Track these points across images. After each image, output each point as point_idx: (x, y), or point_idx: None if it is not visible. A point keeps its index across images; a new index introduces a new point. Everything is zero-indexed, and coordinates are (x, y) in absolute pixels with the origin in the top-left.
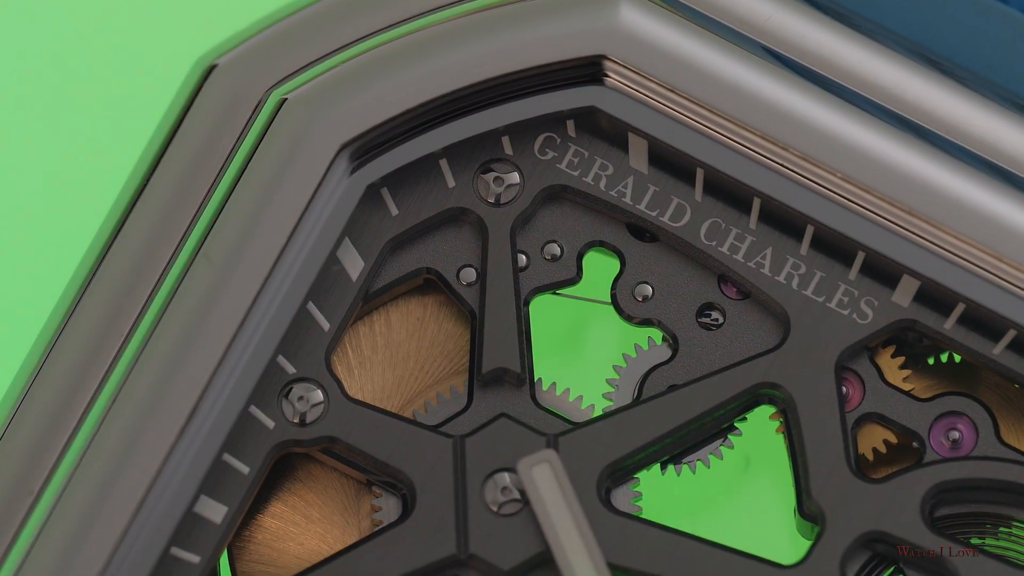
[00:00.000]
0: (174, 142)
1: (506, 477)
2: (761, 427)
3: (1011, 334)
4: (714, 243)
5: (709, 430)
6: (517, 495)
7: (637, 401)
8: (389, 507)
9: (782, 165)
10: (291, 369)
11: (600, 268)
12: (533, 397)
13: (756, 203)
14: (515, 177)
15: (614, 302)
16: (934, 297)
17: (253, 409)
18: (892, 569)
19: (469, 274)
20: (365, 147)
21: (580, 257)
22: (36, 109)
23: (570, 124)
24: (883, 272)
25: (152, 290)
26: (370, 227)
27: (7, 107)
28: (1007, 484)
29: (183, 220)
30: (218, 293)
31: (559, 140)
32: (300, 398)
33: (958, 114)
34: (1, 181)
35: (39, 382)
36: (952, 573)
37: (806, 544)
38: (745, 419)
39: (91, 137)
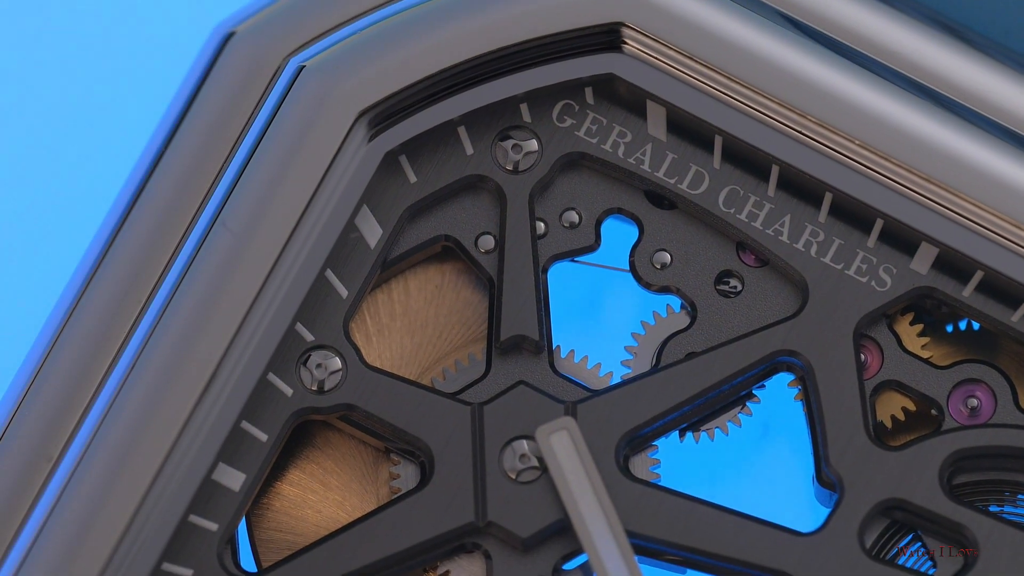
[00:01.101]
0: (192, 110)
1: (524, 445)
2: (779, 394)
3: None
4: (732, 210)
5: (727, 397)
6: (535, 463)
7: (655, 369)
8: (407, 474)
9: (800, 132)
10: (309, 336)
11: (618, 235)
12: (551, 364)
13: (774, 170)
14: (533, 144)
15: (632, 269)
16: (953, 264)
17: (271, 377)
18: (910, 536)
19: (487, 241)
20: (383, 114)
21: (598, 224)
22: (55, 78)
23: (588, 91)
24: (902, 239)
25: (170, 258)
26: (388, 194)
27: (22, 78)
28: None
29: (201, 188)
30: (236, 261)
31: (577, 107)
32: (318, 365)
33: (975, 80)
34: (18, 147)
35: (57, 350)
36: (971, 540)
37: (824, 512)
38: (763, 386)
39: (109, 106)
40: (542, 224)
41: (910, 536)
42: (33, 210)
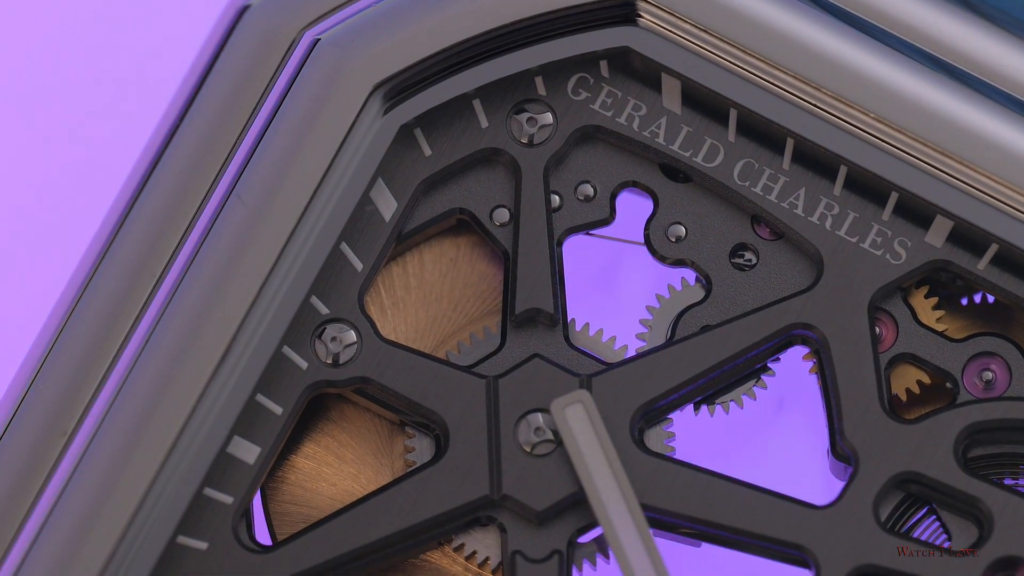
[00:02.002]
0: (207, 83)
1: (539, 418)
2: (794, 368)
3: None
4: (747, 183)
5: (742, 371)
6: (550, 436)
7: (670, 342)
8: (422, 448)
9: (815, 105)
10: (324, 309)
11: (633, 208)
12: (566, 338)
13: (789, 143)
14: (548, 117)
15: (647, 242)
16: (967, 237)
17: (286, 350)
18: (925, 509)
19: (502, 214)
20: (398, 87)
21: (613, 197)
22: (71, 52)
23: (603, 64)
24: (916, 212)
25: (185, 232)
26: (403, 168)
27: (32, 49)
28: None
29: (216, 161)
30: (251, 234)
31: (592, 80)
32: (333, 339)
33: (990, 53)
34: (35, 119)
35: (71, 326)
36: (986, 513)
37: (839, 485)
38: (778, 359)
39: (123, 78)
40: (557, 197)
41: (925, 509)
42: (48, 185)
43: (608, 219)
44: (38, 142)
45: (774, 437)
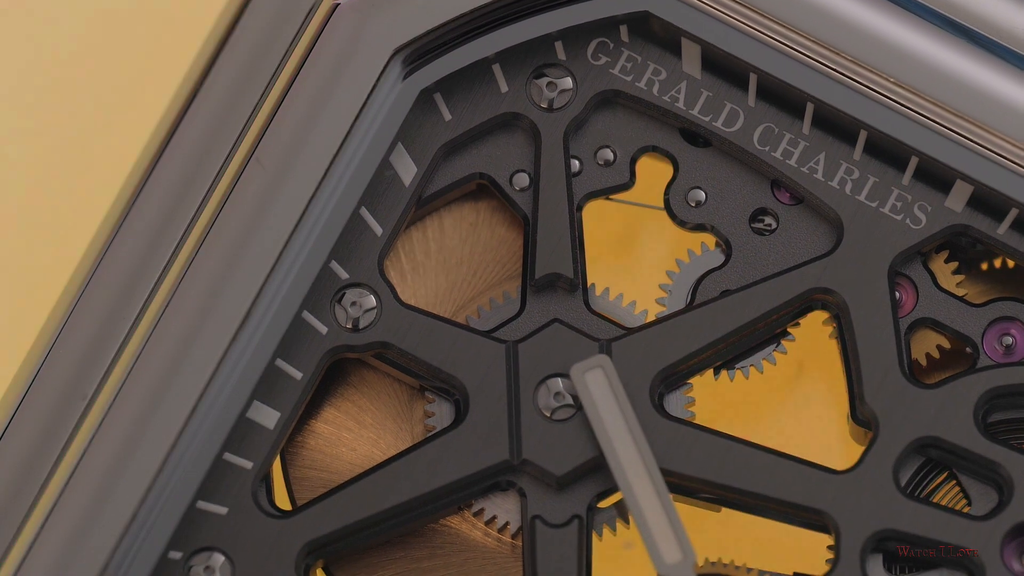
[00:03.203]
0: (226, 48)
1: (559, 383)
2: (814, 332)
3: None
4: (767, 148)
5: (762, 335)
6: (570, 401)
7: (690, 306)
8: (442, 413)
9: (835, 70)
10: (344, 274)
11: (653, 173)
12: (586, 302)
13: (809, 108)
14: (568, 82)
15: (667, 207)
16: (987, 202)
17: (306, 315)
18: (945, 475)
19: (522, 179)
20: (418, 52)
21: (633, 162)
22: (87, 19)
23: (623, 29)
24: (936, 177)
25: (205, 195)
26: (423, 132)
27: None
28: None
29: (236, 125)
30: (270, 198)
31: (612, 45)
32: (353, 303)
33: (1009, 17)
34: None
35: (90, 290)
36: (1006, 478)
37: (859, 450)
38: (798, 324)
39: (143, 44)
40: (577, 162)
41: (945, 474)
42: (66, 150)
43: (628, 184)
44: (49, 108)
45: (794, 402)
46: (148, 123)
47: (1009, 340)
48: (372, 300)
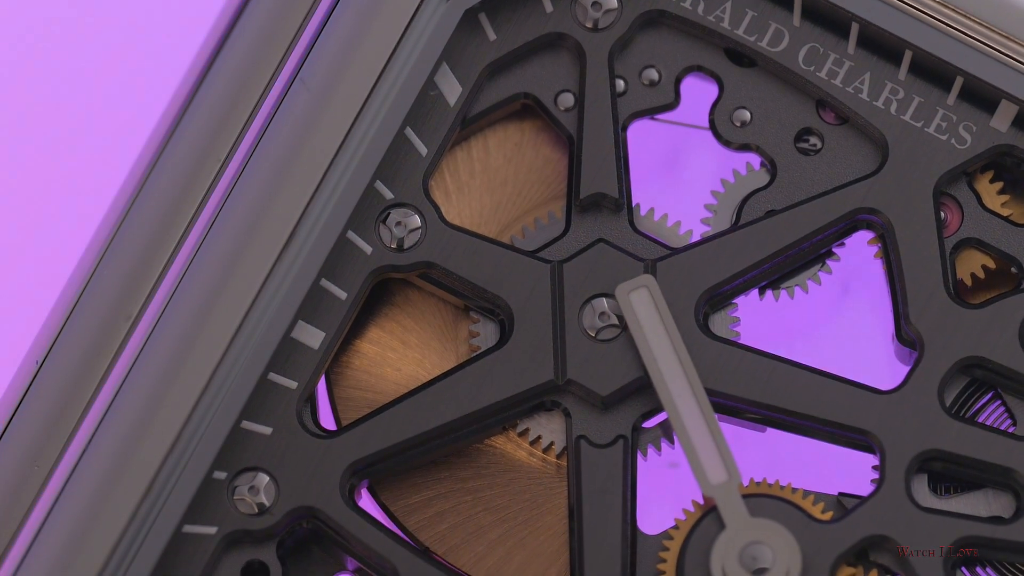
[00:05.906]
0: None
1: (604, 303)
2: (859, 252)
3: None
4: (812, 68)
5: (807, 255)
6: (615, 320)
7: (735, 226)
8: (487, 332)
9: None
10: (389, 194)
11: (698, 93)
12: (631, 222)
13: (854, 28)
14: (613, 2)
15: (712, 127)
16: None
17: (351, 235)
18: (991, 394)
19: (567, 99)
20: None
21: (678, 82)
22: None
23: None
24: (981, 97)
25: (250, 116)
26: (468, 52)
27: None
28: None
29: (281, 45)
30: (315, 119)
31: None
32: (398, 223)
33: None
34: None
35: (137, 208)
36: None
37: (904, 370)
38: (843, 244)
39: None
40: (622, 82)
41: (990, 394)
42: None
43: (673, 104)
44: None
45: (839, 322)
46: (191, 45)
47: None
48: (417, 220)
